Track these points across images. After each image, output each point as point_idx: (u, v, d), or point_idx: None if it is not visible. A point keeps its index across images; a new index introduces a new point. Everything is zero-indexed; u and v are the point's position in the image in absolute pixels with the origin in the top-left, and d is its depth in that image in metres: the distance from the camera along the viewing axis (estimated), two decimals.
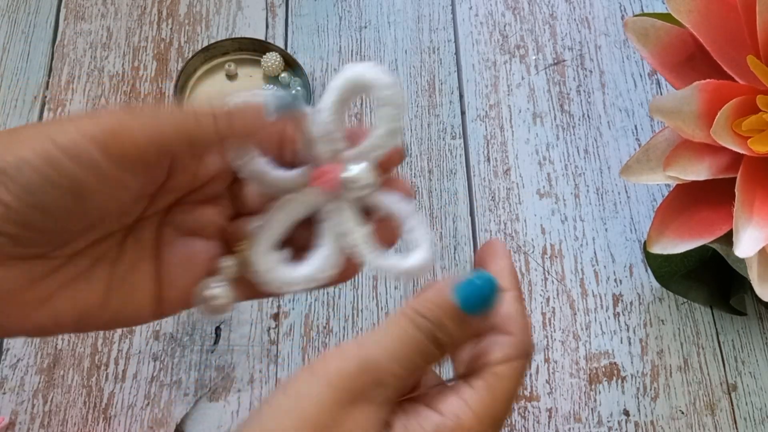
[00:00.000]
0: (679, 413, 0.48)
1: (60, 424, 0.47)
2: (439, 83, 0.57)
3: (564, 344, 0.49)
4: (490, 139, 0.55)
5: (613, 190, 0.54)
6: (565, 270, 0.51)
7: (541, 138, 0.56)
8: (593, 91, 0.57)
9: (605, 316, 0.50)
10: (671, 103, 0.39)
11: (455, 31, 0.59)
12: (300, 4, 0.60)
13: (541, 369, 0.49)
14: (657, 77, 0.58)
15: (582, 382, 0.48)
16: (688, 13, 0.40)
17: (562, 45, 0.59)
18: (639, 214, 0.53)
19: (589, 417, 0.47)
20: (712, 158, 0.40)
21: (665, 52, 0.42)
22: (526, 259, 0.52)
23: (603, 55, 0.58)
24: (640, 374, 0.48)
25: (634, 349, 0.49)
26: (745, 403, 0.48)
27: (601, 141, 0.55)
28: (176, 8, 0.60)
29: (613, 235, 0.52)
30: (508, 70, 0.58)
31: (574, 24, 0.59)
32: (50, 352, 0.49)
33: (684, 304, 0.50)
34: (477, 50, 0.59)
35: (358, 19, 0.59)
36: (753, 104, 0.39)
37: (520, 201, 0.53)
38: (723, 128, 0.38)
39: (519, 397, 0.48)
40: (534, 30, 0.59)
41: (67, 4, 0.60)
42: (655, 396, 0.48)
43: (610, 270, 0.51)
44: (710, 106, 0.39)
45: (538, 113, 0.56)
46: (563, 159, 0.55)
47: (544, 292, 0.51)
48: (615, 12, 0.60)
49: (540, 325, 0.50)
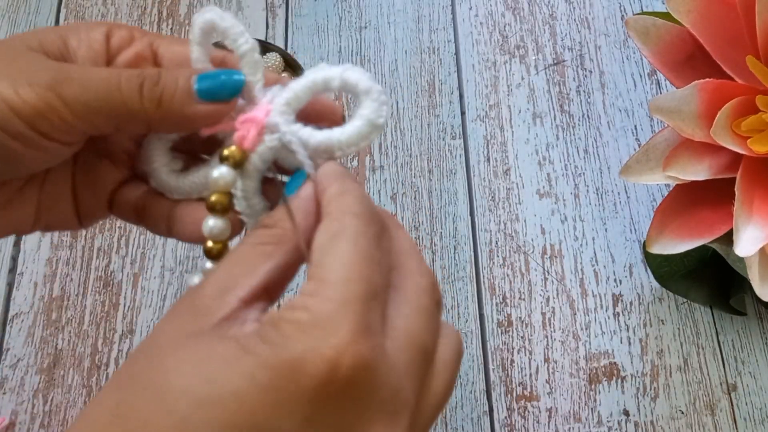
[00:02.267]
0: (678, 413, 0.48)
1: (60, 425, 0.47)
2: (439, 83, 0.57)
3: (564, 344, 0.49)
4: (490, 140, 0.55)
5: (613, 190, 0.54)
6: (565, 270, 0.51)
7: (541, 138, 0.56)
8: (593, 91, 0.57)
9: (605, 316, 0.50)
10: (671, 102, 0.39)
11: (455, 32, 0.59)
12: (300, 4, 0.60)
13: (541, 369, 0.49)
14: (657, 77, 0.58)
15: (582, 382, 0.48)
16: (687, 13, 0.40)
17: (562, 45, 0.59)
18: (639, 214, 0.53)
19: (588, 417, 0.47)
20: (711, 158, 0.40)
21: (666, 51, 0.42)
22: (526, 259, 0.52)
23: (603, 56, 0.58)
24: (639, 374, 0.48)
25: (634, 349, 0.49)
26: (745, 403, 0.48)
27: (600, 141, 0.55)
28: (176, 8, 0.60)
29: (612, 235, 0.52)
30: (508, 71, 0.58)
31: (574, 24, 0.59)
32: (50, 352, 0.49)
33: (684, 304, 0.50)
34: (477, 50, 0.59)
35: (358, 20, 0.59)
36: (752, 104, 0.39)
37: (520, 201, 0.53)
38: (723, 128, 0.38)
39: (519, 397, 0.48)
40: (534, 30, 0.59)
41: (67, 5, 0.60)
42: (654, 396, 0.48)
43: (610, 270, 0.51)
44: (710, 105, 0.39)
45: (538, 113, 0.56)
46: (563, 159, 0.55)
47: (544, 292, 0.51)
48: (615, 12, 0.60)
49: (540, 325, 0.50)
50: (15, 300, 0.50)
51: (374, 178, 0.54)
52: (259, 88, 0.29)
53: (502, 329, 0.50)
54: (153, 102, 0.27)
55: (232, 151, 0.28)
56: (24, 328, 0.49)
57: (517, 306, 0.50)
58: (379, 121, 0.28)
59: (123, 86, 0.27)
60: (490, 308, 0.50)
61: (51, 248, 0.52)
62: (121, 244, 0.52)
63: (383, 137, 0.55)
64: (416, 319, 0.26)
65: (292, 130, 0.28)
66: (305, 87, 0.28)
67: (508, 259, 0.52)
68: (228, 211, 0.28)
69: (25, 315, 0.50)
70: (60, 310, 0.50)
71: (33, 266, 0.51)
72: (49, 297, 0.50)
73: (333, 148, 0.28)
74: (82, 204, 0.31)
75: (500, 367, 0.49)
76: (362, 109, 0.28)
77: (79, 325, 0.50)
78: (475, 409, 0.48)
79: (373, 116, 0.28)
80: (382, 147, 0.55)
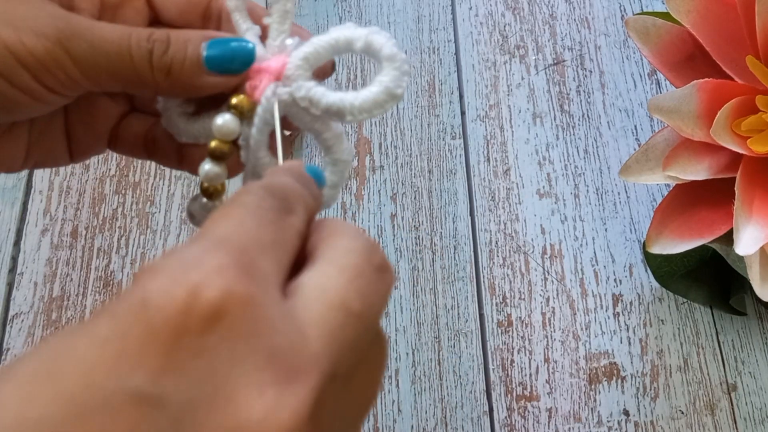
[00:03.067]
0: (678, 413, 0.48)
1: None
2: (439, 83, 0.57)
3: (564, 344, 0.49)
4: (490, 140, 0.55)
5: (612, 190, 0.54)
6: (565, 270, 0.51)
7: (541, 138, 0.56)
8: (593, 91, 0.57)
9: (605, 316, 0.50)
10: (670, 101, 0.39)
11: (455, 32, 0.59)
12: (300, 4, 0.60)
13: (541, 369, 0.49)
14: (657, 77, 0.58)
15: (582, 382, 0.48)
16: (687, 13, 0.40)
17: (561, 45, 0.59)
18: (639, 214, 0.53)
19: (588, 417, 0.47)
20: (711, 158, 0.40)
21: (666, 51, 0.42)
22: (526, 259, 0.52)
23: (603, 55, 0.58)
24: (639, 374, 0.48)
25: (634, 349, 0.49)
26: (745, 403, 0.48)
27: (600, 141, 0.55)
28: None
29: (612, 235, 0.52)
30: (508, 71, 0.58)
31: (574, 24, 0.59)
32: None
33: (684, 304, 0.50)
34: (477, 50, 0.59)
35: (358, 20, 0.59)
36: (752, 104, 0.39)
37: (519, 201, 0.53)
38: (722, 128, 0.38)
39: (519, 397, 0.48)
40: (534, 30, 0.59)
41: None
42: (654, 396, 0.48)
43: (610, 270, 0.51)
44: (709, 105, 0.39)
45: (538, 113, 0.56)
46: (563, 159, 0.55)
47: (544, 292, 0.51)
48: (615, 12, 0.60)
49: (540, 325, 0.50)
50: (15, 300, 0.50)
51: (374, 178, 0.54)
52: (284, 39, 0.27)
53: (502, 329, 0.50)
54: (162, 71, 0.26)
55: (240, 100, 0.27)
56: (24, 328, 0.49)
57: (517, 306, 0.50)
58: (397, 91, 0.27)
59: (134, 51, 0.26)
60: (490, 308, 0.50)
61: (51, 248, 0.52)
62: (121, 244, 0.52)
63: (383, 137, 0.56)
64: (337, 276, 0.21)
65: (306, 87, 0.27)
66: (327, 44, 0.27)
67: (508, 259, 0.52)
68: (226, 159, 0.27)
69: (25, 315, 0.50)
70: (60, 310, 0.50)
71: (33, 266, 0.51)
72: (49, 297, 0.50)
73: (344, 111, 0.27)
74: (76, 140, 0.31)
75: (500, 367, 0.49)
76: (382, 75, 0.27)
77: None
78: (475, 409, 0.48)
79: (392, 85, 0.27)
80: (382, 147, 0.55)
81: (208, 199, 0.28)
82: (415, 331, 0.50)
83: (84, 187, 0.54)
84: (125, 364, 0.17)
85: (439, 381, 0.48)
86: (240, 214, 0.21)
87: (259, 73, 0.27)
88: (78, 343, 0.18)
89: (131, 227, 0.53)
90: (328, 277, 0.21)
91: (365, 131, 0.56)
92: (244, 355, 0.18)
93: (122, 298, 0.18)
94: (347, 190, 0.54)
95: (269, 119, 0.27)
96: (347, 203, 0.53)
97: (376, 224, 0.53)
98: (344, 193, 0.54)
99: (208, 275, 0.18)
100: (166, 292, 0.18)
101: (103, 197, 0.54)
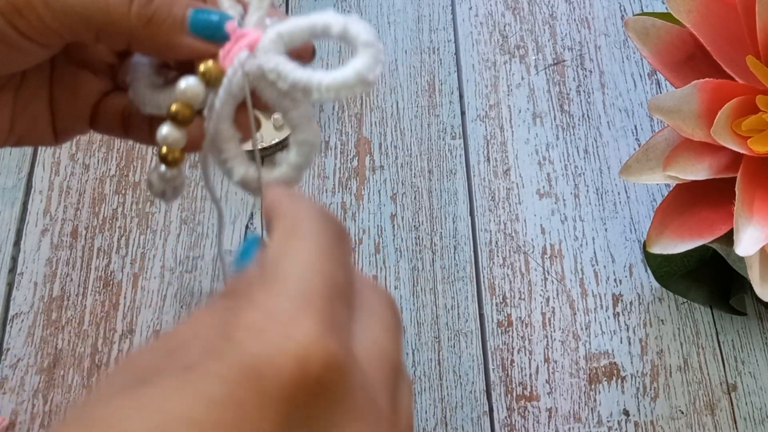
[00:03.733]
0: (678, 413, 0.48)
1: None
2: (439, 83, 0.57)
3: (564, 344, 0.49)
4: (490, 140, 0.55)
5: (613, 190, 0.54)
6: (565, 270, 0.51)
7: (541, 138, 0.56)
8: (593, 91, 0.57)
9: (605, 316, 0.50)
10: (670, 101, 0.39)
11: (455, 32, 0.59)
12: (300, 4, 0.60)
13: (541, 369, 0.49)
14: (657, 77, 0.58)
15: (582, 382, 0.48)
16: (687, 13, 0.40)
17: (561, 45, 0.59)
18: (639, 214, 0.53)
19: (588, 417, 0.47)
20: (711, 158, 0.40)
21: (666, 51, 0.42)
22: (525, 259, 0.52)
23: (603, 56, 0.58)
24: (639, 374, 0.48)
25: (634, 349, 0.49)
26: (745, 403, 0.48)
27: (600, 141, 0.55)
28: None
29: (612, 235, 0.52)
30: (508, 71, 0.58)
31: (574, 24, 0.59)
32: (50, 352, 0.49)
33: (684, 304, 0.50)
34: (477, 50, 0.59)
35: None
36: (753, 104, 0.39)
37: (519, 201, 0.53)
38: (723, 128, 0.38)
39: (519, 397, 0.48)
40: (534, 30, 0.59)
41: None
42: (654, 396, 0.48)
43: (610, 270, 0.51)
44: (710, 105, 0.39)
45: (538, 113, 0.56)
46: (563, 159, 0.55)
47: (544, 292, 0.51)
48: (615, 12, 0.60)
49: (540, 325, 0.50)
50: (15, 300, 0.50)
51: (374, 178, 0.54)
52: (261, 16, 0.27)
53: (502, 329, 0.50)
54: (142, 20, 0.26)
55: (208, 66, 0.27)
56: (24, 328, 0.49)
57: (517, 306, 0.50)
58: (369, 77, 0.26)
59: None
60: (490, 308, 0.50)
61: (51, 248, 0.52)
62: (121, 244, 0.52)
63: (383, 137, 0.56)
64: (385, 334, 0.23)
65: (276, 60, 0.27)
66: (304, 26, 0.27)
67: (508, 259, 0.52)
68: (187, 125, 0.27)
69: (25, 315, 0.50)
70: (60, 310, 0.50)
71: (33, 266, 0.51)
72: (49, 297, 0.50)
73: (311, 88, 0.26)
74: (60, 116, 0.30)
75: (500, 367, 0.49)
76: (356, 60, 0.27)
77: (79, 325, 0.50)
78: (475, 409, 0.48)
79: (364, 70, 0.27)
80: (382, 147, 0.55)
81: (166, 166, 0.27)
82: (415, 331, 0.50)
83: (84, 187, 0.54)
84: (247, 429, 0.19)
85: (439, 381, 0.48)
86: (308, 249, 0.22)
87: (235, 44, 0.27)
88: (190, 405, 0.19)
89: (131, 227, 0.53)
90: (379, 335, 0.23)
91: (365, 131, 0.56)
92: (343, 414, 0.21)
93: (224, 359, 0.19)
94: (347, 190, 0.54)
95: (235, 91, 0.27)
96: (347, 203, 0.53)
97: (376, 224, 0.53)
98: (344, 193, 0.54)
99: (310, 339, 0.20)
100: (276, 364, 0.19)
101: (103, 197, 0.54)
